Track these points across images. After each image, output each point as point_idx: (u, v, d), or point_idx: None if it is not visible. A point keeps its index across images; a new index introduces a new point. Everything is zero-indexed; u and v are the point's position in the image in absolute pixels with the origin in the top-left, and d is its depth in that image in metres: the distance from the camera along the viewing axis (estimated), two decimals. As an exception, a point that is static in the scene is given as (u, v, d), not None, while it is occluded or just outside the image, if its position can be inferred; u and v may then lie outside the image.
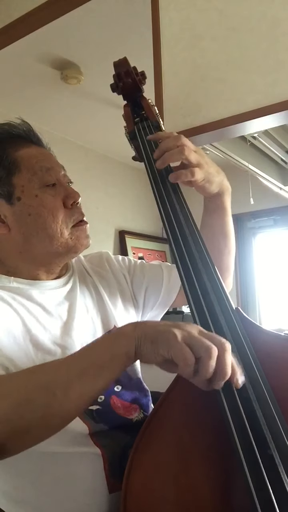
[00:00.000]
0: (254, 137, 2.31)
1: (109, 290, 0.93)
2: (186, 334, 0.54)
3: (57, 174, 0.82)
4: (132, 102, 0.96)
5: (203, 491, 0.58)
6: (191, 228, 0.76)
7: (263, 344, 0.67)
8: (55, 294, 0.84)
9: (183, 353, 0.52)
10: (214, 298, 0.67)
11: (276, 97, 1.05)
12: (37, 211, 0.78)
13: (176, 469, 0.60)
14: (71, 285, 0.88)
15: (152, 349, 0.54)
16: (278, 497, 0.51)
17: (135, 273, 0.99)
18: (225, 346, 0.54)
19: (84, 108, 2.55)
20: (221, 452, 0.57)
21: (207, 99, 1.16)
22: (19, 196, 0.78)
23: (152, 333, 0.55)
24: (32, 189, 0.78)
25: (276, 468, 0.53)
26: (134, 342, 0.55)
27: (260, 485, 0.51)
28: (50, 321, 0.79)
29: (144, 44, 1.33)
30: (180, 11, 1.20)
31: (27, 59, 2.01)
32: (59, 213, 0.79)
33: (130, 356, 0.55)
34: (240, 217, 3.62)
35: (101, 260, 1.00)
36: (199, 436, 0.58)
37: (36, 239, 0.79)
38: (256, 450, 0.54)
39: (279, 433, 0.56)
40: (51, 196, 0.79)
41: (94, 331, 0.84)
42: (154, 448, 0.61)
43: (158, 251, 3.72)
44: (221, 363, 0.53)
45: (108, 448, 0.73)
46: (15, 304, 0.77)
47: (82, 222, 0.84)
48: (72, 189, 0.83)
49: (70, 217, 0.81)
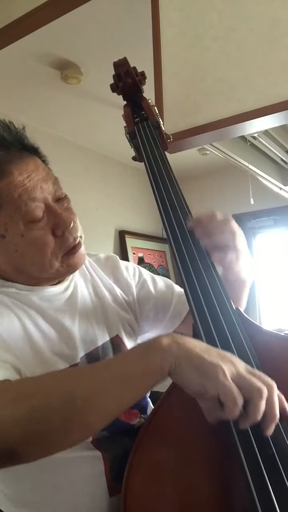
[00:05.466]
0: (254, 137, 2.31)
1: (112, 297, 0.88)
2: (234, 371, 0.51)
3: (45, 197, 0.73)
4: (132, 102, 0.97)
5: (203, 491, 0.58)
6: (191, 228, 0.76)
7: (263, 344, 0.66)
8: (56, 300, 0.80)
9: (234, 394, 0.49)
10: (214, 298, 0.67)
11: (276, 97, 1.05)
12: (23, 249, 0.72)
13: (176, 470, 0.60)
14: (72, 290, 0.84)
15: (195, 378, 0.50)
16: (279, 498, 0.51)
17: (143, 288, 0.93)
18: (273, 386, 0.52)
19: (84, 108, 2.54)
20: (221, 452, 0.57)
21: (207, 99, 1.16)
22: (2, 234, 0.71)
23: (197, 358, 0.51)
24: (16, 227, 0.71)
25: (278, 468, 0.53)
26: (171, 359, 0.51)
27: (261, 486, 0.51)
28: (50, 330, 0.76)
29: (144, 44, 1.33)
30: (180, 11, 1.20)
31: (27, 59, 2.01)
32: (48, 247, 0.73)
33: (163, 373, 0.51)
34: (240, 217, 3.61)
35: (108, 264, 0.94)
36: (199, 436, 0.58)
37: (25, 269, 0.75)
38: (257, 450, 0.54)
39: (279, 433, 0.56)
40: (38, 231, 0.72)
41: (96, 340, 0.81)
42: (153, 449, 0.61)
43: (158, 251, 3.71)
44: (271, 405, 0.51)
45: (110, 451, 0.72)
46: (16, 309, 0.74)
47: (74, 249, 0.76)
48: (63, 215, 0.74)
49: (61, 246, 0.74)
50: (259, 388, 0.50)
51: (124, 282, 0.92)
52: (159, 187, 0.80)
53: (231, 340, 0.63)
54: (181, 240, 0.73)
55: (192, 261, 0.71)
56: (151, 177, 0.82)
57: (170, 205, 0.78)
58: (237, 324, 0.65)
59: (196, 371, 0.50)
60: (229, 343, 0.62)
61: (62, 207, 0.75)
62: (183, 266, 0.71)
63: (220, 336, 0.63)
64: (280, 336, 0.69)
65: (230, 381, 0.50)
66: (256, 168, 2.48)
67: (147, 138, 0.89)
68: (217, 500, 0.58)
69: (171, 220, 0.76)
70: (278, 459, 0.53)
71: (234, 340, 0.63)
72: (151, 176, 0.82)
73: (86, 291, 0.86)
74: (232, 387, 0.49)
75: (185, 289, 0.69)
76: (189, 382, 0.51)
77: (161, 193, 0.80)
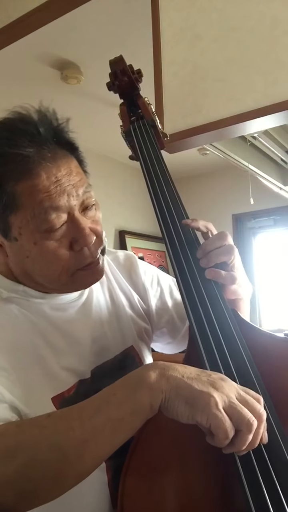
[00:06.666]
0: (254, 137, 2.31)
1: (128, 303, 0.83)
2: (226, 400, 0.49)
3: (70, 206, 0.65)
4: (128, 101, 0.95)
5: (200, 493, 0.58)
6: (185, 228, 0.74)
7: (259, 345, 0.66)
8: (69, 308, 0.74)
9: (225, 427, 0.47)
10: (208, 299, 0.66)
11: (276, 97, 1.05)
12: (34, 257, 0.66)
13: (172, 471, 0.60)
14: (87, 296, 0.78)
15: (186, 411, 0.49)
16: (272, 500, 0.51)
17: (160, 299, 0.88)
18: (262, 417, 0.50)
19: (84, 108, 2.54)
20: (217, 454, 0.56)
21: (207, 99, 1.16)
22: (15, 237, 0.65)
23: (187, 392, 0.49)
24: (31, 234, 0.64)
25: (271, 473, 0.53)
26: (160, 395, 0.49)
27: (256, 491, 0.51)
28: (60, 343, 0.70)
29: (144, 44, 1.33)
30: (180, 11, 1.20)
31: (27, 59, 2.01)
32: (60, 261, 0.65)
33: (154, 410, 0.50)
34: (240, 217, 3.62)
35: (126, 265, 0.88)
36: (195, 438, 0.58)
37: (33, 275, 0.69)
38: (252, 453, 0.54)
39: (275, 437, 0.55)
40: (53, 242, 0.65)
41: (108, 352, 0.76)
42: (150, 451, 0.61)
43: (158, 251, 3.72)
44: (257, 436, 0.50)
45: (112, 459, 0.66)
46: (24, 321, 0.69)
47: (89, 265, 0.68)
48: (85, 231, 0.66)
49: (75, 261, 0.67)
50: (249, 421, 0.48)
51: (141, 287, 0.87)
52: (154, 187, 0.79)
53: (225, 342, 0.62)
54: (176, 240, 0.73)
55: (187, 262, 0.70)
56: (147, 177, 0.81)
57: (165, 205, 0.77)
58: (233, 325, 0.65)
59: (186, 404, 0.49)
60: (223, 346, 0.62)
61: (88, 218, 0.68)
62: (178, 267, 0.70)
63: (215, 338, 0.63)
64: (276, 337, 0.68)
65: (222, 413, 0.48)
66: (256, 168, 2.48)
67: (143, 137, 0.87)
68: (213, 502, 0.57)
69: (166, 220, 0.75)
70: (270, 463, 0.53)
71: (229, 342, 0.63)
72: (147, 176, 0.81)
73: (102, 296, 0.81)
74: (224, 420, 0.47)
75: (180, 289, 0.68)
76: (179, 416, 0.49)
77: (156, 193, 0.79)
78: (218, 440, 0.48)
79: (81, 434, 0.48)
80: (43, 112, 0.67)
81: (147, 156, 0.84)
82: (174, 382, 0.50)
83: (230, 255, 0.68)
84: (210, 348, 0.62)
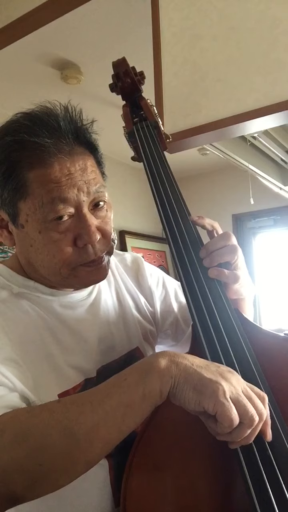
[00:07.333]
0: (254, 137, 2.30)
1: (134, 305, 0.84)
2: (234, 391, 0.50)
3: (79, 201, 0.66)
4: (131, 102, 0.96)
5: (203, 492, 0.58)
6: (189, 228, 0.75)
7: (262, 345, 0.66)
8: (78, 307, 0.76)
9: (232, 415, 0.48)
10: (212, 299, 0.67)
11: (276, 97, 1.05)
12: (37, 246, 0.67)
13: (175, 470, 0.60)
14: (95, 296, 0.79)
15: (194, 397, 0.50)
16: (277, 498, 0.51)
17: (165, 301, 0.89)
18: (263, 416, 0.51)
19: (84, 108, 2.54)
20: (220, 452, 0.57)
21: (207, 99, 1.16)
22: (22, 224, 0.67)
23: (196, 379, 0.50)
24: (36, 222, 0.65)
25: (275, 469, 0.53)
26: (169, 381, 0.50)
27: (260, 486, 0.51)
28: (69, 341, 0.71)
29: (144, 44, 1.33)
30: (180, 11, 1.20)
31: (27, 59, 2.01)
32: (62, 254, 0.66)
33: (163, 396, 0.51)
34: (240, 217, 3.62)
35: (133, 267, 0.89)
36: (198, 436, 0.58)
37: (36, 266, 0.70)
38: (256, 451, 0.54)
39: (278, 434, 0.56)
40: (57, 234, 0.65)
41: (115, 352, 0.77)
42: (152, 450, 0.61)
43: (158, 251, 3.72)
44: (253, 433, 0.51)
45: (114, 457, 0.68)
46: (35, 317, 0.70)
47: (92, 263, 0.69)
48: (90, 228, 0.66)
49: (78, 257, 0.67)
50: (252, 417, 0.49)
51: (147, 290, 0.88)
52: (158, 188, 0.80)
53: (229, 340, 0.63)
54: (180, 240, 0.73)
55: (191, 262, 0.71)
56: (150, 178, 0.82)
57: (168, 206, 0.78)
58: (236, 324, 0.65)
59: (194, 390, 0.50)
60: (226, 344, 0.62)
61: (97, 218, 0.69)
62: (182, 267, 0.70)
63: (218, 336, 0.63)
64: (279, 336, 0.69)
65: (229, 402, 0.49)
66: (256, 168, 2.48)
67: (146, 138, 0.88)
68: (216, 500, 0.58)
69: (169, 220, 0.76)
70: (274, 461, 0.53)
71: (233, 341, 0.63)
72: (150, 177, 0.82)
73: (110, 297, 0.82)
74: (231, 409, 0.48)
75: (183, 288, 0.69)
76: (187, 402, 0.50)
77: (160, 194, 0.79)
78: (222, 427, 0.49)
79: (92, 418, 0.48)
80: (69, 110, 0.70)
81: (151, 157, 0.84)
82: (184, 369, 0.51)
83: (233, 255, 0.69)
84: (213, 345, 0.62)
